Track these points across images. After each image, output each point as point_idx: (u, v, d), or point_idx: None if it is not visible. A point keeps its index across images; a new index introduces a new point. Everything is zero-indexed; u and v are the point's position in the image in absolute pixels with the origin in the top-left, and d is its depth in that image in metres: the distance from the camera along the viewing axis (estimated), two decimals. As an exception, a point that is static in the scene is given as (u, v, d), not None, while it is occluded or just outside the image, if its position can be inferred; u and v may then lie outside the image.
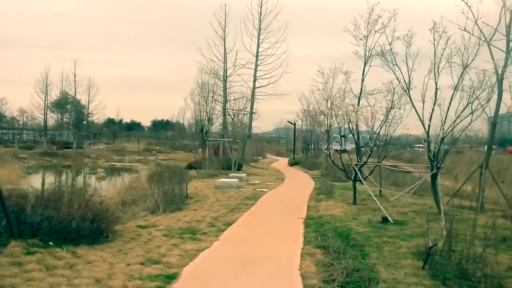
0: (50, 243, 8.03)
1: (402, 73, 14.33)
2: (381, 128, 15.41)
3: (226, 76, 43.48)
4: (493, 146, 16.68)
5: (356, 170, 15.70)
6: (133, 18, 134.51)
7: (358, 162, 16.17)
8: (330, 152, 18.14)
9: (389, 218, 12.02)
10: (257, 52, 43.75)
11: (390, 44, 14.93)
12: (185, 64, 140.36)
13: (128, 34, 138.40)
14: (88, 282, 6.36)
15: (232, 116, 44.66)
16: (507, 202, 14.06)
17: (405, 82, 14.25)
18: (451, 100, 12.86)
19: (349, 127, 16.59)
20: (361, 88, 17.71)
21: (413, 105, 13.97)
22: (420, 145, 48.33)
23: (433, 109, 13.16)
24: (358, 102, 16.99)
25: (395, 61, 14.61)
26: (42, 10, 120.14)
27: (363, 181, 15.87)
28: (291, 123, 60.08)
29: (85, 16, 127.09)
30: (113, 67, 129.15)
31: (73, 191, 10.27)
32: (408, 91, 14.17)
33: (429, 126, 13.32)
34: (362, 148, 16.86)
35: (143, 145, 73.45)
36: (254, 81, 43.73)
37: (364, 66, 18.10)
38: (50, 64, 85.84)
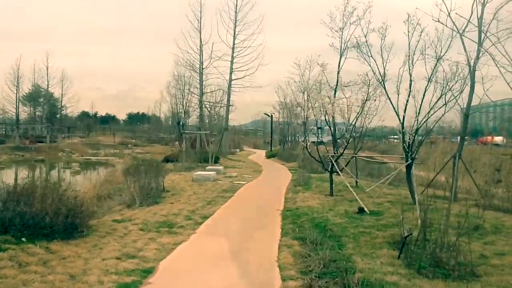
0: (23, 239, 7.83)
1: (377, 65, 14.47)
2: (357, 119, 15.53)
3: (202, 69, 43.18)
4: (466, 137, 16.98)
5: (333, 161, 15.82)
6: (108, 9, 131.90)
7: (334, 153, 16.28)
8: (307, 144, 18.21)
9: (365, 209, 12.15)
10: (233, 44, 43.61)
11: (365, 36, 15.09)
12: (161, 56, 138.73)
13: (103, 25, 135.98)
14: (63, 278, 6.25)
15: (209, 109, 44.42)
16: (479, 192, 14.37)
17: (380, 74, 14.41)
18: (425, 91, 13.04)
19: (325, 119, 16.68)
20: (337, 80, 17.83)
21: (388, 96, 14.12)
22: (395, 136, 49.03)
23: (407, 101, 13.32)
24: (334, 94, 17.11)
25: (370, 53, 14.76)
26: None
27: (339, 172, 16.00)
28: (268, 115, 60.20)
29: (58, 6, 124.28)
30: (87, 59, 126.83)
31: (46, 185, 10.01)
32: (383, 83, 14.32)
33: (403, 117, 13.48)
34: (338, 140, 16.99)
35: (118, 138, 72.45)
36: (231, 73, 43.59)
37: (340, 58, 18.24)
38: (22, 56, 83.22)
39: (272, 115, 57.83)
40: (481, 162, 17.47)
